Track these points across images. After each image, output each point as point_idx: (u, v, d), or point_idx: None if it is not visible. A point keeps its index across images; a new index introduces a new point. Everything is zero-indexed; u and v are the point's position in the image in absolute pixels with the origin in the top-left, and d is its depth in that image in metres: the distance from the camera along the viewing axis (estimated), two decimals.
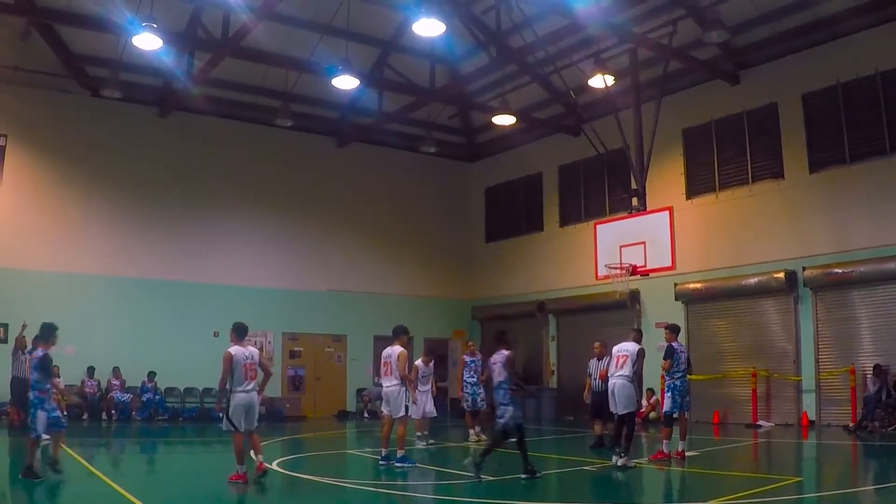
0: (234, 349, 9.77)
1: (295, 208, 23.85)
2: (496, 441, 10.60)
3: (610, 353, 12.58)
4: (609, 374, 12.10)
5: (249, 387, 9.75)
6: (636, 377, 11.80)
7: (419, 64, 21.34)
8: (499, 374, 10.59)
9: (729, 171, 19.92)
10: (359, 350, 24.17)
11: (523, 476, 10.21)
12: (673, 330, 12.58)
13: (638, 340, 12.30)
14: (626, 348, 11.96)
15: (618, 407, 11.79)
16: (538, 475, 10.34)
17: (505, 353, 10.71)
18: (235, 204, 22.89)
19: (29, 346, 14.50)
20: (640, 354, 11.91)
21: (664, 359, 12.27)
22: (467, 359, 15.88)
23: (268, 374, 10.30)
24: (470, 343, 17.22)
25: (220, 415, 10.28)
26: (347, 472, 12.41)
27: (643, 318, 21.01)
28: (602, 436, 13.76)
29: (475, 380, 15.64)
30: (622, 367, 11.79)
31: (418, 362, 14.79)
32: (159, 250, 21.54)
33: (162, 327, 20.74)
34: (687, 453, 12.21)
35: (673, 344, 12.29)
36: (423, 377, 14.64)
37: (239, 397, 9.67)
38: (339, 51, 18.90)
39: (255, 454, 9.74)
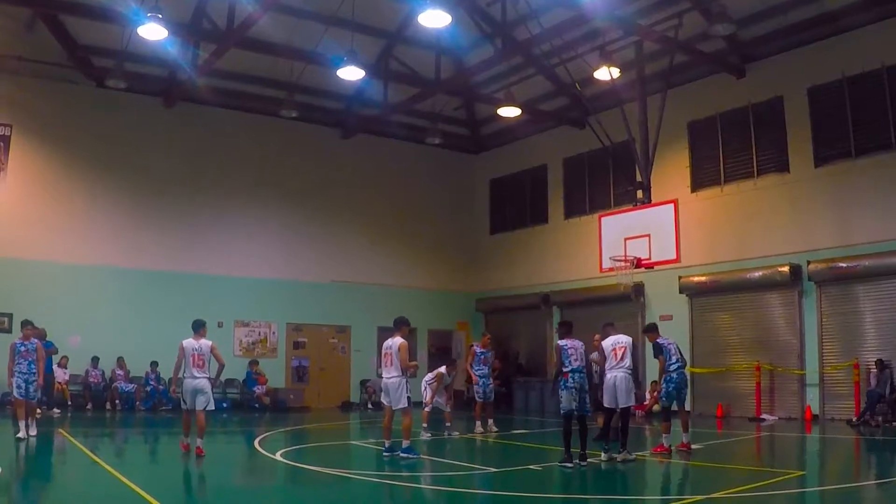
0: (186, 341, 11.24)
1: (299, 199, 23.86)
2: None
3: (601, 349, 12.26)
4: (607, 368, 11.75)
5: (197, 374, 11.15)
6: (635, 368, 11.77)
7: (424, 55, 21.28)
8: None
9: (734, 164, 19.89)
10: (363, 341, 24.20)
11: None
12: (651, 329, 12.56)
13: (609, 333, 12.11)
14: (621, 340, 11.77)
15: (619, 401, 11.56)
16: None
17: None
18: (240, 195, 22.91)
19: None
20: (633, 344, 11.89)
21: (655, 357, 12.12)
22: (478, 349, 15.87)
23: (220, 365, 11.44)
24: (486, 335, 17.21)
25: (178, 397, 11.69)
26: (351, 462, 12.45)
27: (647, 310, 21.03)
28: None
29: (486, 371, 15.67)
30: (622, 358, 11.60)
31: (442, 369, 14.84)
32: (164, 241, 21.57)
33: (166, 318, 20.64)
34: (692, 446, 12.20)
35: (658, 341, 12.15)
36: (442, 385, 14.78)
37: (186, 382, 11.18)
38: (344, 42, 18.87)
39: (197, 437, 11.08)
